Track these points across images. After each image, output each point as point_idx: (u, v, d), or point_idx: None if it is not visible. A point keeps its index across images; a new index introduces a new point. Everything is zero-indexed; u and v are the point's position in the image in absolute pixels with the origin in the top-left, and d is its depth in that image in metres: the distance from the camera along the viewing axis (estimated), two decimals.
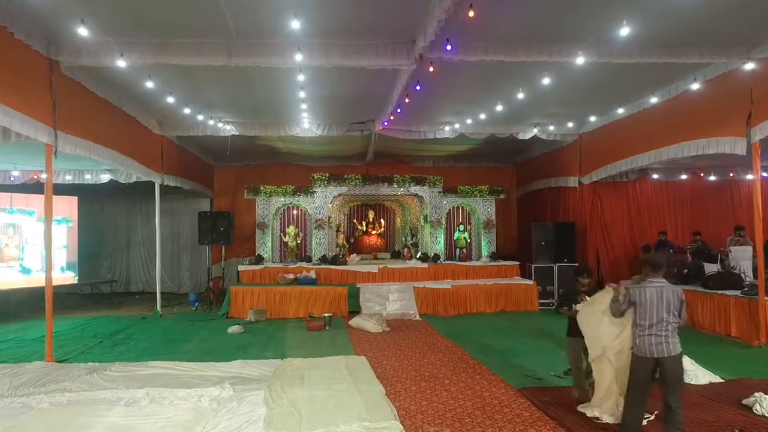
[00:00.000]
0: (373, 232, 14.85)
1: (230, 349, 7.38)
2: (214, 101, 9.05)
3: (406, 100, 7.89)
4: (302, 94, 7.96)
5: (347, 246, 13.05)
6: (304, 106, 8.95)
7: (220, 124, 10.23)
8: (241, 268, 11.35)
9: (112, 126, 8.46)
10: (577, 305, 4.93)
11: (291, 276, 11.02)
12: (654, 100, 8.26)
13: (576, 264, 11.19)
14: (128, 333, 8.77)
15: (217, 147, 13.44)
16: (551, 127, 11.00)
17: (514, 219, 15.69)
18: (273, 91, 8.27)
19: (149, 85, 7.21)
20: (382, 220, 15.18)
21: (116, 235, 15.30)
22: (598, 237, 11.50)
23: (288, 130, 10.96)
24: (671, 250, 10.06)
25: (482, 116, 9.80)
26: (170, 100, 8.19)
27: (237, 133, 10.81)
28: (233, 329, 8.61)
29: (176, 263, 15.43)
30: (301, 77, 7.05)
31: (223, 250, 11.85)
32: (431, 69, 6.42)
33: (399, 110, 8.66)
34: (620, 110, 9.13)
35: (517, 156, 15.26)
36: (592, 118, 9.99)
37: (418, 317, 9.88)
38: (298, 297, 10.34)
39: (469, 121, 10.25)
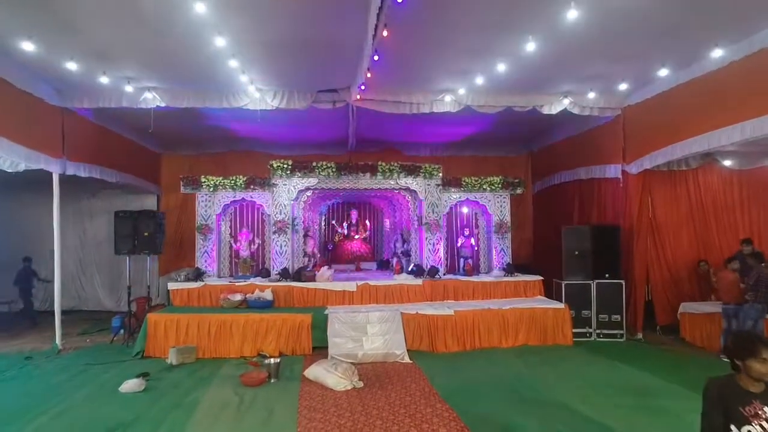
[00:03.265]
0: (357, 237, 12.05)
1: None
2: (99, 44, 6.11)
3: (384, 34, 5.02)
4: (202, 7, 4.93)
5: (318, 255, 10.19)
6: (219, 41, 5.82)
7: (129, 88, 7.35)
8: (172, 285, 8.48)
9: None
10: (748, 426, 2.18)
11: (238, 297, 8.17)
12: None
13: (622, 280, 8.36)
14: None
15: (160, 129, 10.61)
16: (591, 95, 8.11)
17: (530, 220, 12.86)
18: (172, 23, 5.39)
19: None
20: (367, 222, 12.38)
21: (38, 240, 12.37)
22: (648, 245, 8.63)
23: (232, 100, 8.12)
24: (762, 263, 7.20)
25: (500, 68, 6.78)
26: None
27: (163, 104, 7.96)
28: (129, 386, 5.74)
29: (116, 274, 12.56)
30: None
31: (149, 261, 8.99)
32: None
33: (376, 57, 5.82)
34: (717, 52, 6.00)
35: (533, 142, 12.43)
36: (662, 73, 6.95)
37: (407, 359, 7.02)
38: (243, 328, 7.48)
39: (479, 81, 7.36)
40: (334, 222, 12.31)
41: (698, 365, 6.84)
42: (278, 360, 6.27)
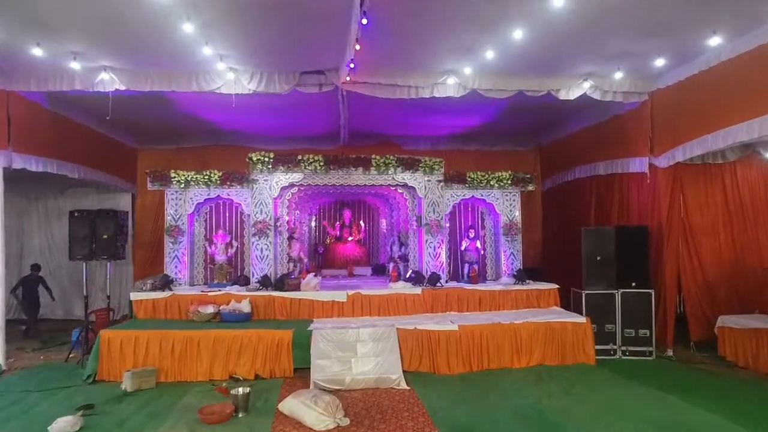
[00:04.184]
0: (350, 239, 11.00)
1: None
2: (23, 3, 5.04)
3: None
4: None
5: (305, 260, 9.13)
6: None
7: (75, 65, 6.26)
8: (135, 296, 7.41)
9: None
10: None
11: (210, 309, 7.11)
12: None
13: (650, 290, 7.30)
14: None
15: (133, 121, 9.60)
16: (618, 75, 7.05)
17: (540, 220, 11.80)
18: None
19: None
20: (361, 223, 11.34)
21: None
22: (680, 248, 7.55)
23: (203, 83, 7.06)
24: None
25: (512, 41, 5.65)
26: None
27: (123, 87, 6.90)
28: (60, 425, 4.65)
29: (89, 280, 11.46)
30: None
31: (109, 267, 7.92)
32: None
33: (365, 20, 4.76)
34: None
35: (542, 134, 11.37)
36: (713, 42, 5.85)
37: (403, 384, 5.94)
38: (212, 346, 6.41)
39: (488, 57, 6.29)
40: (326, 223, 11.26)
41: (749, 392, 5.78)
42: (247, 390, 5.19)
